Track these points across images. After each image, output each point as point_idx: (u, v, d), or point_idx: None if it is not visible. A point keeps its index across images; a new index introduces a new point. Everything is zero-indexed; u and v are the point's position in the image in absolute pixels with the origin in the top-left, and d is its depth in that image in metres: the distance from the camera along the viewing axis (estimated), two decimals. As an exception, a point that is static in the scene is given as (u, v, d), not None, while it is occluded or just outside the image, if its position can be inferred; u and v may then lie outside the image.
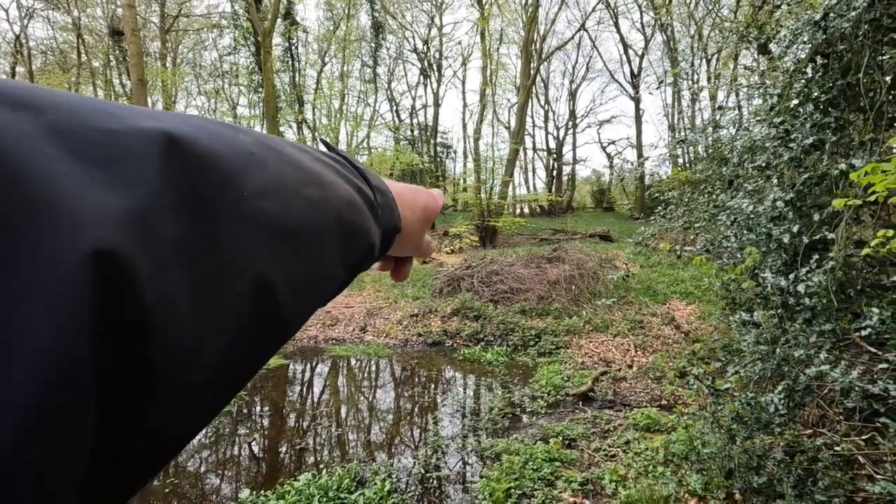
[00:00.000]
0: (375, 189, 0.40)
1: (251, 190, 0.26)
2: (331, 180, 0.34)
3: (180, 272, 0.21)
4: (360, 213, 0.36)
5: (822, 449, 2.45)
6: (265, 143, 0.30)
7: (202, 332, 0.22)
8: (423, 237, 0.53)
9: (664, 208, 6.34)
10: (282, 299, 0.27)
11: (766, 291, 3.49)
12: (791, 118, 3.73)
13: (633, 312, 8.73)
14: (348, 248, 0.34)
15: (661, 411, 5.03)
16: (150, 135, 0.22)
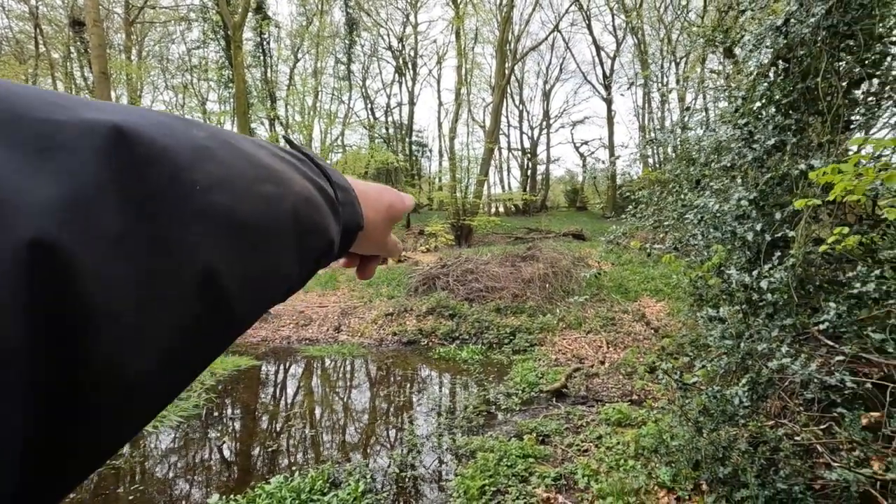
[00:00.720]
0: (337, 186, 0.40)
1: (202, 184, 0.25)
2: (288, 176, 0.33)
3: (123, 265, 0.21)
4: (318, 210, 0.35)
5: (783, 439, 2.54)
6: (219, 138, 0.29)
7: (146, 324, 0.22)
8: (389, 236, 0.53)
9: (634, 207, 6.48)
10: (232, 294, 0.27)
11: (731, 288, 3.60)
12: (754, 120, 3.86)
13: (606, 310, 8.89)
14: (305, 245, 0.34)
15: (633, 406, 5.14)
16: (96, 126, 0.22)
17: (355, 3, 26.60)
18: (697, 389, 2.94)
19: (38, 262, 0.18)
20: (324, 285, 12.33)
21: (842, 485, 2.24)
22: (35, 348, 0.18)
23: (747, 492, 2.50)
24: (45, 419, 0.19)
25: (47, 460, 0.19)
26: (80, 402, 0.20)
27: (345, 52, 26.86)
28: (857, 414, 2.39)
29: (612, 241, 6.86)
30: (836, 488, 2.30)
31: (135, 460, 4.48)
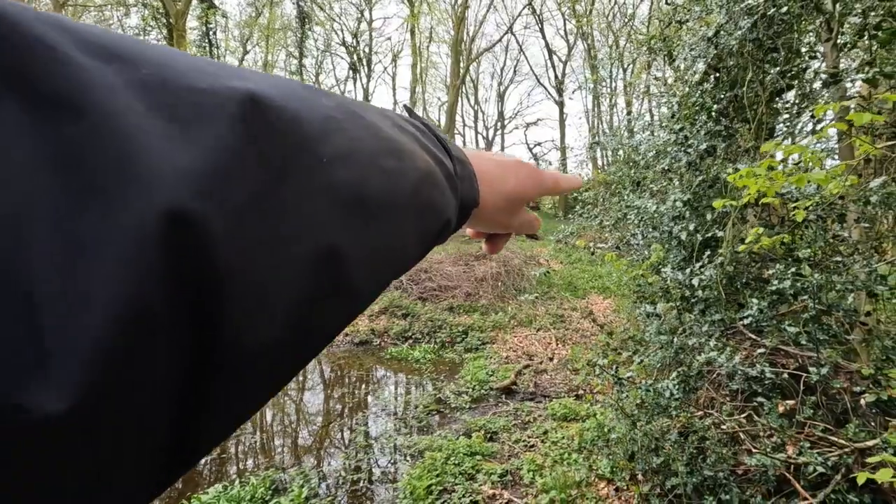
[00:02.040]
0: (455, 160, 0.39)
1: (329, 155, 0.25)
2: (410, 149, 0.32)
3: (253, 233, 0.21)
4: (437, 186, 0.34)
5: (710, 428, 2.69)
6: (346, 108, 0.29)
7: (272, 292, 0.22)
8: (514, 217, 0.50)
9: (582, 207, 6.67)
10: (352, 270, 0.27)
11: (668, 285, 3.77)
12: (689, 126, 4.06)
13: (555, 307, 9.12)
14: (424, 222, 0.33)
15: (578, 401, 5.29)
16: (235, 95, 0.22)
17: (308, -4, 25.96)
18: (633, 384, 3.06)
19: (177, 228, 0.18)
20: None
21: (761, 469, 2.40)
22: (172, 312, 0.18)
23: (677, 480, 2.63)
24: (185, 382, 0.19)
25: (186, 424, 0.20)
26: (214, 366, 0.20)
27: (296, 45, 26.17)
28: (775, 402, 2.55)
29: (561, 241, 7.05)
30: (756, 473, 2.46)
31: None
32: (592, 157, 15.22)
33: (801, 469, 2.27)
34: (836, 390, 2.57)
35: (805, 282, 2.70)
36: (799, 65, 3.80)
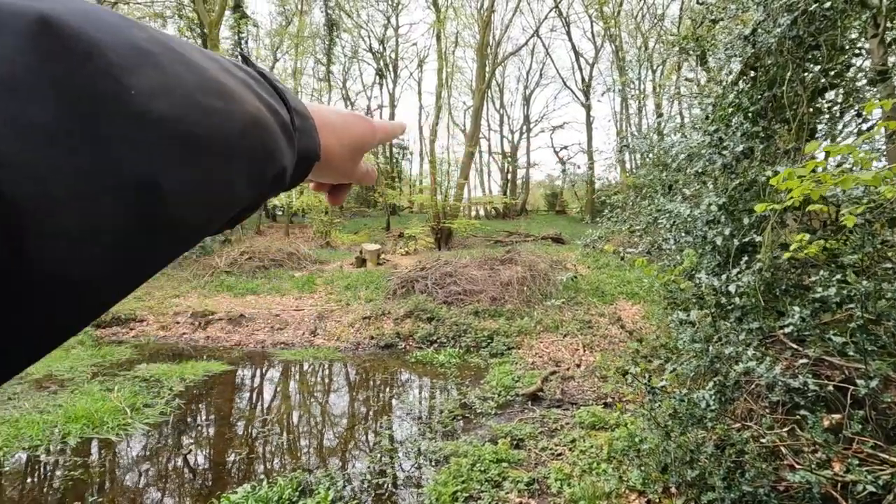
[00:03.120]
0: (294, 112, 0.39)
1: (139, 88, 0.24)
2: (238, 93, 0.32)
3: (54, 159, 0.20)
4: (269, 133, 0.34)
5: (749, 441, 2.57)
6: (163, 43, 0.28)
7: (84, 223, 0.22)
8: (357, 166, 0.53)
9: (610, 212, 6.55)
10: (174, 205, 0.26)
11: (702, 291, 3.65)
12: (724, 127, 3.93)
13: (582, 312, 8.96)
14: (255, 167, 0.33)
15: (606, 409, 5.17)
16: (22, 12, 0.21)
17: (335, 4, 26.44)
18: (667, 393, 2.96)
19: None
20: (301, 288, 12.15)
21: (804, 486, 2.28)
22: None
23: (714, 494, 2.52)
24: None
25: None
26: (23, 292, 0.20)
27: (325, 52, 26.65)
28: (820, 416, 2.43)
29: (589, 245, 6.92)
30: (799, 490, 2.34)
31: (98, 471, 4.31)
32: (620, 160, 14.95)
33: (850, 487, 2.15)
34: (886, 404, 2.43)
35: (851, 289, 2.56)
36: (843, 62, 3.64)
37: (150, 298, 11.23)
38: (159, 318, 10.14)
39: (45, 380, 6.61)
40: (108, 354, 8.00)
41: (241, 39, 24.34)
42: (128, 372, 7.02)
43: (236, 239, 16.70)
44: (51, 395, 5.95)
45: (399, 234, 20.89)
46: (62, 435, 4.77)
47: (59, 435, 4.78)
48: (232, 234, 16.96)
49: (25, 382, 6.45)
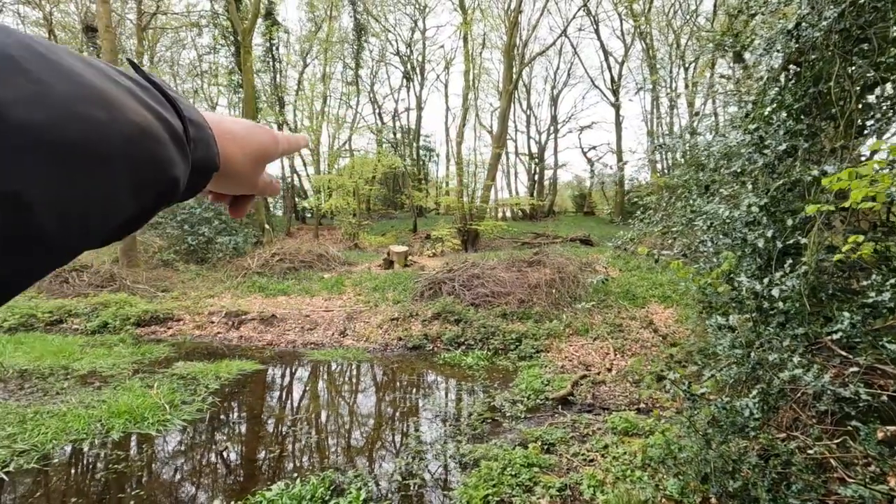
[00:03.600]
0: (189, 122, 0.38)
1: (4, 98, 0.24)
2: (121, 102, 0.31)
3: None
4: (157, 143, 0.33)
5: (795, 452, 2.47)
6: (31, 48, 0.27)
7: None
8: (259, 177, 0.52)
9: (643, 213, 6.40)
10: (44, 218, 0.26)
11: (742, 296, 3.52)
12: (765, 125, 3.79)
13: (613, 316, 8.80)
14: (140, 178, 0.32)
15: (640, 415, 5.05)
16: None
17: (363, 9, 26.78)
18: (706, 400, 2.87)
19: None
20: (330, 289, 12.33)
21: (857, 501, 2.17)
22: None
23: (758, 507, 2.43)
24: None
25: None
26: None
27: (353, 57, 27.02)
28: (873, 428, 2.31)
29: (620, 247, 6.79)
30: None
31: (138, 464, 4.46)
32: (652, 160, 14.60)
33: (907, 504, 2.04)
34: (946, 417, 2.29)
35: (907, 294, 2.43)
36: (894, 56, 3.46)
37: (186, 298, 11.59)
38: (195, 317, 10.45)
39: (89, 376, 6.90)
40: (147, 352, 8.30)
41: (273, 46, 24.93)
42: (166, 369, 7.26)
43: (267, 241, 17.08)
44: (95, 390, 6.20)
45: (426, 236, 20.98)
46: (106, 429, 4.97)
47: (103, 429, 4.97)
48: (264, 236, 17.36)
49: (72, 378, 6.75)
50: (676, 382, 2.85)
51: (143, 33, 24.18)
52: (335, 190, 22.27)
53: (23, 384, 6.50)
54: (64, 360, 7.57)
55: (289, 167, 27.18)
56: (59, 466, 4.37)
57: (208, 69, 27.60)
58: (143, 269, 13.90)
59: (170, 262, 14.77)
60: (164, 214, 16.20)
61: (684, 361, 6.29)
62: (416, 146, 31.44)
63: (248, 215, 17.20)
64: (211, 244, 15.29)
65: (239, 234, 15.94)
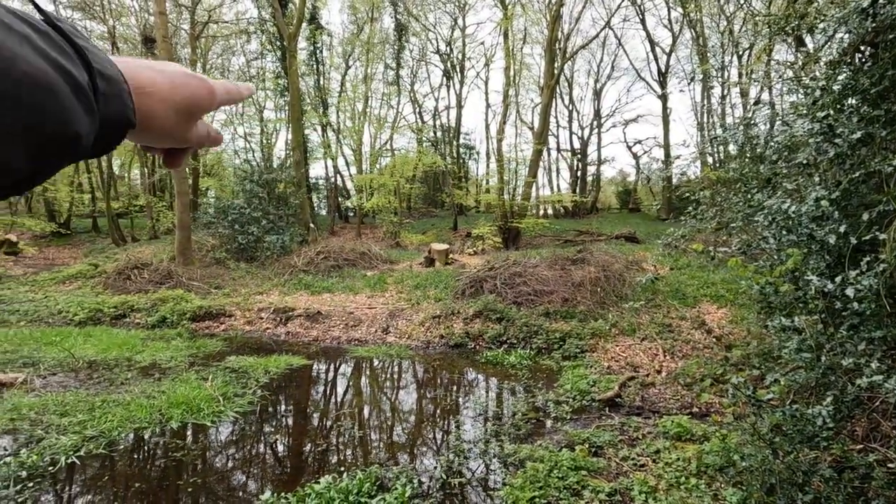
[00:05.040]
0: (99, 75, 0.36)
1: None
2: (12, 53, 0.29)
3: None
4: (53, 97, 0.31)
5: (874, 466, 2.27)
6: None
7: None
8: (191, 129, 0.49)
9: (695, 208, 6.12)
10: None
11: (807, 295, 3.29)
12: (835, 112, 3.52)
13: (662, 316, 8.47)
14: (34, 133, 0.30)
15: (693, 419, 4.83)
16: None
17: (404, 9, 26.99)
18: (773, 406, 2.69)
19: None
20: (372, 287, 12.51)
21: (949, 522, 1.97)
22: None
23: (832, 523, 2.25)
24: None
25: None
26: None
27: (394, 57, 27.30)
28: (968, 442, 2.09)
29: (670, 244, 6.52)
30: (941, 526, 2.03)
31: (195, 453, 4.67)
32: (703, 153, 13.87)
33: None
34: None
35: None
36: None
37: (237, 295, 12.07)
38: (245, 313, 10.87)
39: (150, 368, 7.30)
40: (202, 346, 8.69)
41: (316, 49, 25.54)
42: (219, 363, 7.57)
43: (312, 240, 17.54)
44: (155, 381, 6.55)
45: (466, 234, 20.95)
46: (166, 419, 5.23)
47: (163, 418, 5.24)
48: (309, 235, 17.84)
49: (135, 369, 7.16)
50: (740, 387, 2.68)
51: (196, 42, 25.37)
52: (377, 189, 22.59)
53: (91, 374, 6.95)
54: (127, 352, 8.05)
55: (332, 168, 27.81)
56: (123, 452, 4.64)
57: (256, 74, 28.61)
58: (198, 266, 14.58)
59: (222, 260, 15.43)
60: (216, 214, 16.94)
61: (741, 364, 5.97)
62: (457, 144, 31.44)
63: (293, 214, 17.75)
64: (259, 243, 15.85)
65: (286, 233, 16.44)
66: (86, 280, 14.46)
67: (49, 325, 10.51)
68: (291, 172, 18.46)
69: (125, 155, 30.52)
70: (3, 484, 3.89)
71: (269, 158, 27.87)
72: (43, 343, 8.50)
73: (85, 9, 23.73)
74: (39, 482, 3.98)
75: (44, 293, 13.54)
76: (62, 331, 9.67)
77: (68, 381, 6.61)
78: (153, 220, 23.70)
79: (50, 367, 7.17)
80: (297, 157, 19.90)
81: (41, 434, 4.78)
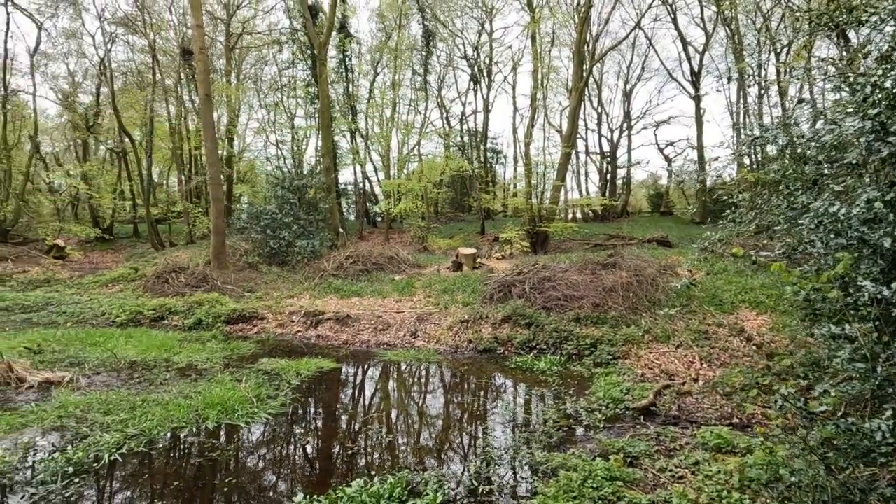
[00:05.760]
0: None
1: None
2: None
3: None
4: None
5: (939, 485, 2.12)
6: None
7: None
8: None
9: (733, 211, 5.91)
10: None
11: (860, 302, 3.12)
12: (888, 109, 3.34)
13: (697, 322, 8.20)
14: None
15: (734, 431, 4.64)
16: None
17: (432, 16, 27.19)
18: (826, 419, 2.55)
19: None
20: (400, 291, 12.58)
21: None
22: None
23: (892, 545, 2.11)
24: None
25: None
26: None
27: (421, 63, 27.52)
28: None
29: (707, 249, 6.31)
30: None
31: (229, 453, 4.77)
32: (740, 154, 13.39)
33: None
34: None
35: None
36: None
37: (269, 298, 12.33)
38: (277, 316, 11.09)
39: (187, 369, 7.51)
40: (235, 348, 8.90)
41: (346, 57, 26.00)
42: (252, 365, 7.74)
43: (341, 244, 17.78)
44: (192, 382, 6.74)
45: (494, 238, 20.85)
46: (202, 419, 5.37)
47: (199, 418, 5.37)
48: (338, 240, 18.10)
49: (173, 370, 7.39)
50: (790, 398, 2.55)
51: (230, 53, 26.20)
52: (404, 194, 22.76)
53: (132, 374, 7.21)
54: (165, 353, 8.31)
55: (360, 173, 28.18)
56: (162, 451, 4.78)
57: (287, 83, 29.31)
58: (232, 270, 14.98)
59: (254, 264, 15.81)
60: (249, 220, 17.39)
61: (784, 374, 5.71)
62: (484, 148, 31.39)
63: (323, 219, 18.06)
64: (290, 247, 16.17)
65: (316, 238, 16.73)
66: (127, 283, 15.05)
67: (93, 327, 10.97)
68: (321, 178, 18.80)
69: (164, 163, 31.74)
70: (51, 478, 4.06)
71: (299, 165, 28.49)
72: (88, 343, 8.87)
73: (128, 24, 24.83)
74: (84, 478, 4.13)
75: (88, 296, 14.15)
76: (105, 332, 10.07)
77: (111, 381, 6.87)
78: (190, 226, 24.51)
79: (94, 367, 7.46)
80: (327, 164, 20.25)
81: (86, 431, 4.98)
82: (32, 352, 7.96)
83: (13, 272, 16.78)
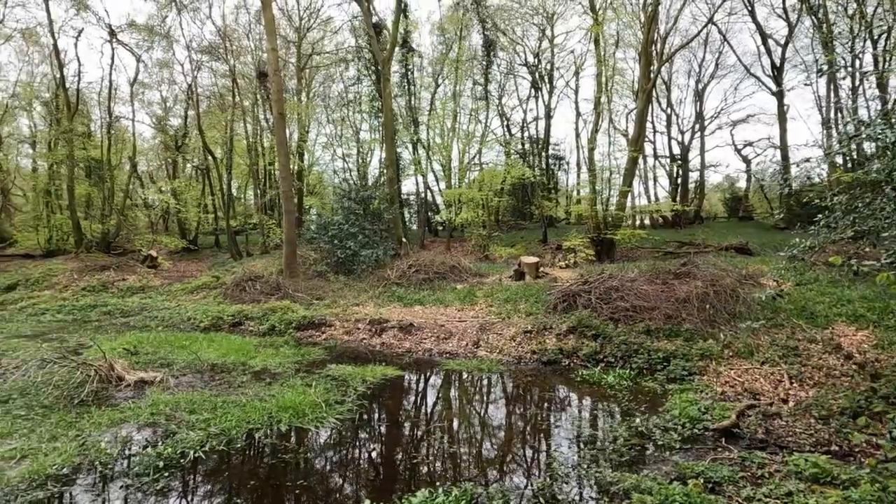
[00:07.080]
0: None
1: None
2: None
3: None
4: None
5: None
6: None
7: None
8: None
9: (826, 216, 5.38)
10: None
11: None
12: None
13: (785, 337, 7.51)
14: None
15: (833, 459, 4.17)
16: None
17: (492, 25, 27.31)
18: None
19: None
20: (462, 300, 12.59)
21: None
22: None
23: None
24: None
25: None
26: None
27: (482, 73, 27.66)
28: None
29: (796, 256, 5.78)
30: None
31: (300, 455, 4.95)
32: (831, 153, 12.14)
33: None
34: None
35: None
36: None
37: (336, 306, 12.79)
38: (343, 323, 11.47)
39: (262, 372, 7.94)
40: (306, 354, 9.30)
41: (408, 71, 26.67)
42: (321, 370, 8.03)
43: (404, 253, 18.15)
44: (266, 385, 7.10)
45: (557, 247, 20.39)
46: (276, 421, 5.63)
47: (273, 420, 5.64)
48: (401, 249, 18.49)
49: (249, 373, 7.83)
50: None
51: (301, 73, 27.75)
52: (465, 203, 22.85)
53: (213, 376, 7.72)
54: (243, 357, 8.84)
55: (422, 183, 28.67)
56: (239, 450, 5.05)
57: (353, 98, 30.52)
58: (302, 279, 15.71)
59: (322, 272, 16.50)
60: (317, 230, 18.21)
61: (893, 397, 5.08)
62: (545, 155, 30.90)
63: (386, 229, 18.54)
64: (356, 256, 16.72)
65: (380, 247, 17.18)
66: (209, 291, 16.23)
67: (180, 331, 11.90)
68: (385, 189, 19.33)
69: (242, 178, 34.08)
70: (144, 471, 4.41)
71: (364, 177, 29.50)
72: (176, 346, 9.63)
73: (212, 52, 27.04)
74: (172, 472, 4.45)
75: (176, 302, 15.41)
76: (190, 336, 10.89)
77: (195, 382, 7.40)
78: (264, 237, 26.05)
79: (181, 369, 8.08)
80: (391, 175, 20.81)
81: (174, 428, 5.37)
82: (130, 353, 8.75)
83: (115, 280, 18.63)
